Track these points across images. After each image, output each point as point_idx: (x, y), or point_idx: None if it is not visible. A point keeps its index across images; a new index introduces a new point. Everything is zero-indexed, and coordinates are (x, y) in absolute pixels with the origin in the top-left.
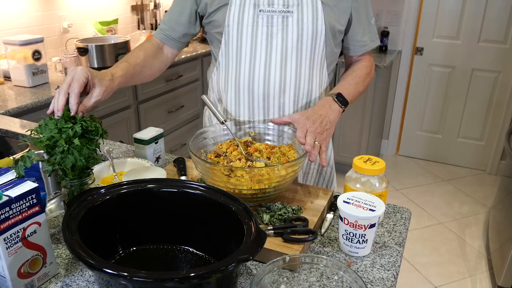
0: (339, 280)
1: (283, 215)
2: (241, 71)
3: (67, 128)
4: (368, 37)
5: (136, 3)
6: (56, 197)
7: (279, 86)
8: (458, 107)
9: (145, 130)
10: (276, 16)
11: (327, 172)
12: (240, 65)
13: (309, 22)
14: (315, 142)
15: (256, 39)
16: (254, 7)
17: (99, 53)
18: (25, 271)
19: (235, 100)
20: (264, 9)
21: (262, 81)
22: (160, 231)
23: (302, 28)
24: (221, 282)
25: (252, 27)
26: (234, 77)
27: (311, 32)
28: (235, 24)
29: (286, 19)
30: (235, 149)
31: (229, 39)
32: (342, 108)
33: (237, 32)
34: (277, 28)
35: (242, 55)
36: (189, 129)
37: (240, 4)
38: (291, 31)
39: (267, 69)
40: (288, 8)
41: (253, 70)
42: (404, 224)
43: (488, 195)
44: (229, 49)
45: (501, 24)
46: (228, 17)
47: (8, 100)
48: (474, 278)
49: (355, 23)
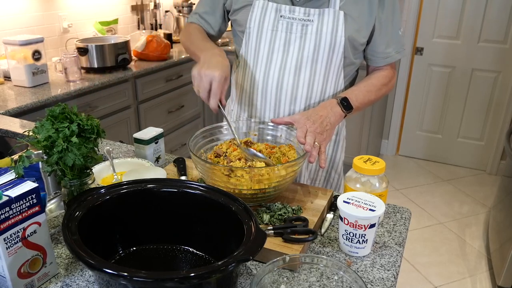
0: (339, 280)
1: (283, 215)
2: (257, 74)
3: (64, 128)
4: (392, 48)
5: (136, 3)
6: (56, 197)
7: (291, 93)
8: (458, 107)
9: (145, 130)
10: (296, 23)
11: (334, 179)
12: (256, 67)
13: (328, 32)
14: (314, 142)
15: (274, 44)
16: (276, 12)
17: (99, 53)
18: (25, 271)
19: (249, 100)
20: (285, 15)
21: (275, 87)
22: (160, 231)
23: (320, 38)
24: (221, 282)
25: (271, 32)
26: (250, 78)
27: (329, 43)
28: (255, 27)
29: (306, 27)
30: (235, 149)
31: (249, 40)
32: (344, 112)
33: (256, 35)
34: (296, 35)
35: (259, 58)
36: (189, 129)
37: (262, 7)
38: (308, 40)
39: (281, 75)
40: (309, 17)
41: (267, 75)
42: (404, 224)
43: (488, 195)
44: (248, 50)
45: (501, 24)
46: (250, 19)
47: (8, 100)
48: (474, 278)
49: (377, 33)
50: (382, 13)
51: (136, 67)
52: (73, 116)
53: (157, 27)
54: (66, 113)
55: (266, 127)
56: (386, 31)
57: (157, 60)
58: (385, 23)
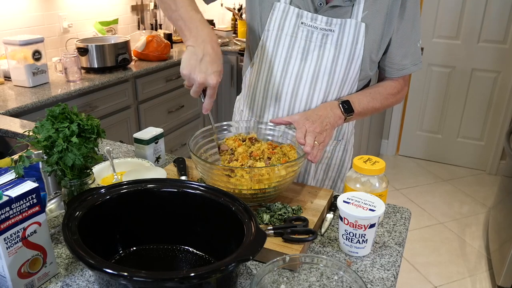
0: (339, 280)
1: (283, 215)
2: (271, 81)
3: (64, 128)
4: (409, 60)
5: (136, 3)
6: (56, 197)
7: (306, 103)
8: (458, 107)
9: (145, 130)
10: (317, 32)
11: (340, 188)
12: (271, 74)
13: (349, 44)
14: (314, 141)
15: (292, 51)
16: (297, 18)
17: (99, 53)
18: (25, 271)
19: (261, 105)
20: (306, 22)
21: (289, 95)
22: (160, 231)
23: (340, 49)
24: (221, 282)
25: (290, 37)
26: (264, 84)
27: (348, 55)
28: (274, 30)
29: (326, 37)
30: (240, 144)
31: (266, 43)
32: (344, 115)
33: (275, 39)
34: (315, 44)
35: (275, 64)
36: (189, 129)
37: (284, 10)
38: (328, 50)
39: (297, 85)
40: (331, 27)
41: (282, 84)
42: (404, 224)
43: (488, 195)
44: (264, 54)
45: (501, 24)
46: (270, 21)
47: (8, 100)
48: (474, 278)
49: (394, 44)
50: (400, 24)
51: (136, 67)
52: (73, 116)
53: (157, 27)
54: (66, 113)
55: (266, 127)
56: (404, 43)
57: (157, 60)
58: (403, 34)
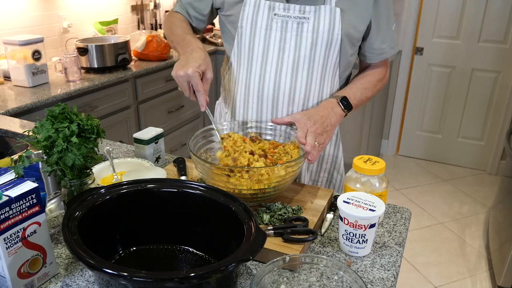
0: (339, 280)
1: (283, 215)
2: (252, 76)
3: (64, 128)
4: (387, 44)
5: (136, 3)
6: (56, 197)
7: (289, 94)
8: (458, 107)
9: (145, 130)
10: (291, 21)
11: (337, 180)
12: (251, 69)
13: (325, 30)
14: (315, 142)
15: (268, 44)
16: (269, 10)
17: (99, 53)
18: (25, 271)
19: (244, 103)
20: (279, 13)
21: (272, 89)
22: (160, 231)
23: (317, 36)
24: (221, 282)
25: (265, 30)
26: (244, 81)
27: (326, 41)
28: (248, 26)
29: (302, 25)
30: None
31: (241, 40)
32: (345, 112)
33: (250, 34)
34: (291, 34)
35: (254, 59)
36: (189, 129)
37: (254, 4)
38: (305, 38)
39: (278, 76)
40: (304, 15)
41: (263, 76)
42: (404, 224)
43: (488, 195)
44: (241, 50)
45: (501, 24)
46: (242, 17)
47: (8, 100)
48: (474, 278)
49: (374, 30)
50: (377, 9)
51: (136, 67)
52: (73, 116)
53: (157, 27)
54: (66, 113)
55: (267, 127)
56: (381, 27)
57: (157, 60)
58: (380, 19)
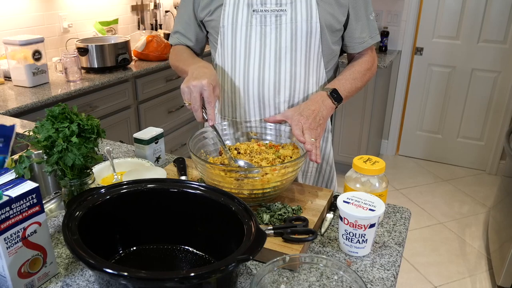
0: (339, 280)
1: (283, 215)
2: (236, 73)
3: (64, 128)
4: (366, 33)
5: (136, 3)
6: (56, 197)
7: (274, 86)
8: (458, 107)
9: (145, 130)
10: (270, 15)
11: (326, 171)
12: (235, 66)
13: (303, 20)
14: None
15: (250, 40)
16: (248, 7)
17: (99, 53)
18: (25, 271)
19: (231, 101)
20: (257, 8)
21: (256, 82)
22: (160, 231)
23: (296, 27)
24: (221, 282)
25: (246, 27)
26: (230, 79)
27: (305, 31)
28: (229, 25)
29: (280, 18)
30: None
31: (224, 40)
32: (335, 104)
33: (231, 33)
34: (271, 27)
35: (237, 56)
36: (189, 129)
37: (234, 4)
38: (284, 30)
39: (261, 70)
40: (281, 7)
41: (247, 71)
42: (404, 224)
43: (488, 195)
44: (225, 50)
45: (501, 24)
46: (223, 17)
47: (8, 100)
48: (474, 278)
49: (352, 20)
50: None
51: (136, 67)
52: (73, 116)
53: (157, 27)
54: (66, 113)
55: (263, 126)
56: (360, 17)
57: (157, 60)
58: (358, 9)
